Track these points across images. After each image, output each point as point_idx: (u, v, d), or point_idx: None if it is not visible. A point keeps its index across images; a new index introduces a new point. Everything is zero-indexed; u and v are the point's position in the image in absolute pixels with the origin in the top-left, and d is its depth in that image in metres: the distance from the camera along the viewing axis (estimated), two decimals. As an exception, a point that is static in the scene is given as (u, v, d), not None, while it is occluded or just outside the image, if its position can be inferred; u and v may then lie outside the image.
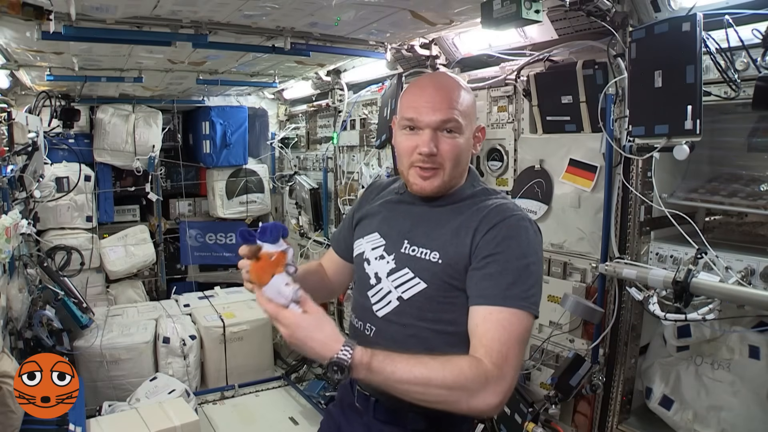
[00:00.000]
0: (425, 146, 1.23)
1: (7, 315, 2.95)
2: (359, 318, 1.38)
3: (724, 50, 1.57)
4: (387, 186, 1.50)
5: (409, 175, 1.30)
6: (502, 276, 1.15)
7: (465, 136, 1.28)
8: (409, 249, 1.29)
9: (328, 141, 3.96)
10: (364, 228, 1.43)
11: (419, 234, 1.30)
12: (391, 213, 1.39)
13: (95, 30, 2.21)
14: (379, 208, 1.43)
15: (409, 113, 1.26)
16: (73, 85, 3.83)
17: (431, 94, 1.26)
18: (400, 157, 1.33)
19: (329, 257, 1.60)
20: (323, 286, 1.56)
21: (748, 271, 1.62)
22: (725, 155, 1.93)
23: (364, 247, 1.39)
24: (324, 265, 1.58)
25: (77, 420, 2.57)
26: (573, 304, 2.01)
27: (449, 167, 1.26)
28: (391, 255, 1.31)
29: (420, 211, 1.34)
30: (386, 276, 1.30)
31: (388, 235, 1.35)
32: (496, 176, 2.54)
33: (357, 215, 1.50)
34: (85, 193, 4.33)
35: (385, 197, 1.46)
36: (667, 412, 1.93)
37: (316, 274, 1.56)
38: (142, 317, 4.10)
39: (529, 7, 1.69)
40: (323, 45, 2.67)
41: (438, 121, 1.24)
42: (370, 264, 1.35)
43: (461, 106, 1.26)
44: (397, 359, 1.08)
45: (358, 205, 1.54)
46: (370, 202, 1.48)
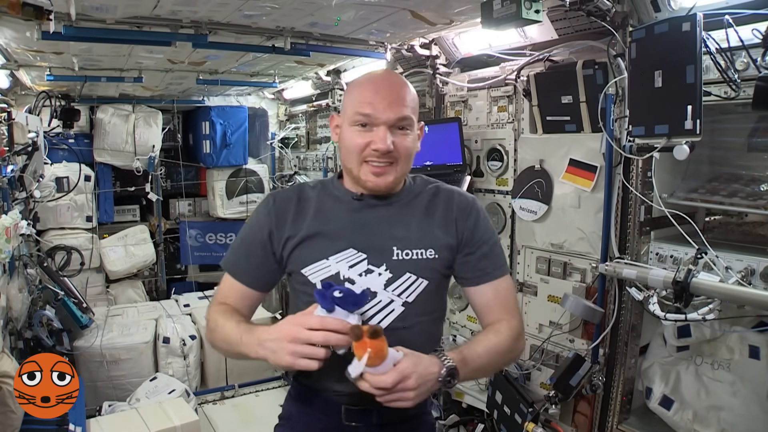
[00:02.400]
0: (382, 143, 1.21)
1: (7, 315, 2.95)
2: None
3: (724, 50, 1.57)
4: (308, 195, 1.33)
5: (360, 172, 1.25)
6: (492, 253, 1.34)
7: (414, 132, 1.29)
8: (403, 254, 1.27)
9: (328, 141, 3.96)
10: (324, 248, 1.26)
11: (406, 236, 1.28)
12: (359, 222, 1.28)
13: (95, 30, 2.21)
14: (334, 221, 1.28)
15: (365, 109, 1.22)
16: (73, 85, 3.83)
17: (386, 90, 1.24)
18: (348, 154, 1.27)
19: (238, 294, 1.33)
20: None
21: (748, 271, 1.62)
22: (725, 155, 1.93)
23: (335, 268, 1.25)
24: (236, 305, 1.32)
25: (77, 420, 2.57)
26: (573, 304, 2.02)
27: (402, 163, 1.27)
28: (380, 266, 1.25)
29: (389, 212, 1.30)
30: (383, 288, 1.25)
31: (370, 247, 1.26)
32: (496, 176, 2.54)
33: (281, 236, 1.29)
34: (85, 193, 4.33)
35: (328, 206, 1.31)
36: (667, 412, 1.93)
37: (243, 318, 1.31)
38: (142, 317, 4.10)
39: (529, 7, 1.69)
40: (323, 45, 2.67)
41: (394, 119, 1.22)
42: (354, 284, 1.24)
43: (412, 103, 1.27)
44: (471, 346, 1.22)
45: (273, 225, 1.30)
46: (302, 217, 1.29)
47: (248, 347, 1.17)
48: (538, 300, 2.35)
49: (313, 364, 1.06)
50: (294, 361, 1.07)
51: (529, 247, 2.39)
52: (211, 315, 1.32)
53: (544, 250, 2.31)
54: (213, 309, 1.32)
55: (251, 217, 1.40)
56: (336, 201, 1.32)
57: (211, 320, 1.30)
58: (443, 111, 2.86)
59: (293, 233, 1.29)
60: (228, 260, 1.38)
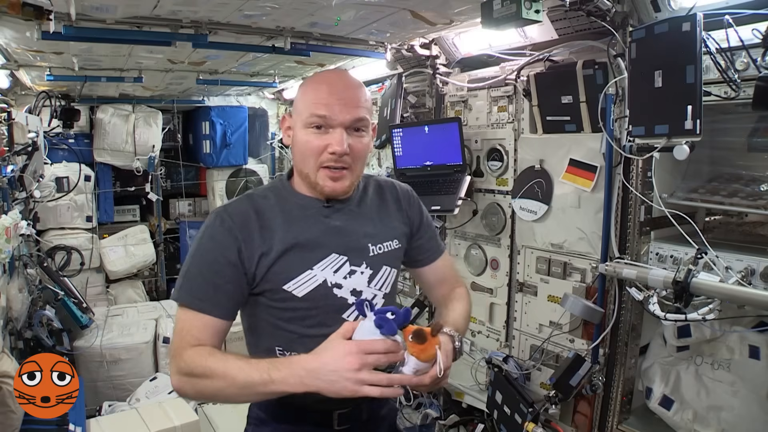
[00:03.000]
0: (339, 145, 1.18)
1: (7, 315, 2.95)
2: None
3: (724, 50, 1.57)
4: (263, 206, 1.25)
5: (317, 177, 1.22)
6: (434, 233, 1.50)
7: (369, 134, 1.28)
8: (377, 249, 1.31)
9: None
10: (306, 259, 1.22)
11: (375, 231, 1.33)
12: (333, 226, 1.27)
13: (95, 30, 2.21)
14: (308, 230, 1.25)
15: (321, 110, 1.18)
16: (73, 85, 3.83)
17: (342, 91, 1.21)
18: (304, 158, 1.22)
19: (210, 329, 1.17)
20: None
21: (748, 271, 1.62)
22: (725, 155, 1.93)
23: (321, 276, 1.23)
24: (211, 343, 1.17)
25: (77, 420, 2.57)
26: (573, 304, 2.02)
27: (358, 166, 1.26)
28: (361, 265, 1.27)
29: (354, 211, 1.32)
30: (367, 285, 1.28)
31: (349, 249, 1.26)
32: (496, 176, 2.54)
33: (251, 254, 1.19)
34: (85, 193, 4.33)
35: (296, 216, 1.25)
36: (667, 412, 1.93)
37: (244, 356, 1.21)
38: (142, 317, 4.10)
39: (529, 7, 1.69)
40: (323, 45, 2.67)
41: (351, 120, 1.20)
42: (342, 287, 1.24)
43: (367, 104, 1.25)
44: (452, 316, 1.34)
45: (240, 243, 1.18)
46: (269, 231, 1.21)
47: (286, 383, 1.05)
48: (538, 300, 2.35)
49: (389, 392, 1.03)
50: (359, 389, 1.02)
51: (529, 247, 2.39)
52: (191, 361, 1.11)
53: (544, 250, 2.31)
54: (189, 354, 1.12)
55: (202, 241, 1.20)
56: (302, 209, 1.27)
57: (197, 367, 1.10)
58: (443, 111, 2.86)
59: (266, 249, 1.19)
60: (189, 293, 1.18)
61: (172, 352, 1.17)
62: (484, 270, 2.64)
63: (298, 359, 1.08)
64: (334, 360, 1.03)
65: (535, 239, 2.33)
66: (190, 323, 1.17)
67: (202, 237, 1.22)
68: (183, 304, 1.18)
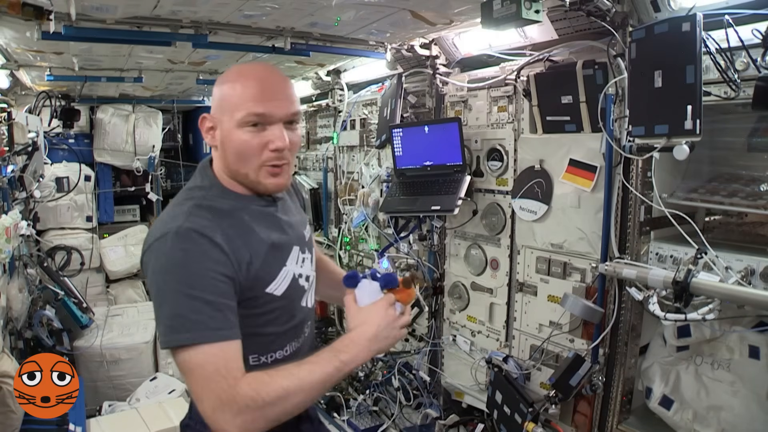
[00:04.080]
0: (281, 141, 1.16)
1: (7, 315, 2.96)
2: (294, 338, 1.29)
3: (724, 50, 1.57)
4: (228, 214, 1.19)
5: (259, 176, 1.19)
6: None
7: (300, 126, 1.31)
8: (307, 234, 1.42)
9: (328, 141, 3.96)
10: (278, 258, 1.23)
11: (300, 219, 1.41)
12: (283, 220, 1.30)
13: (95, 30, 2.21)
14: (272, 228, 1.25)
15: (259, 108, 1.14)
16: (73, 85, 3.83)
17: (274, 86, 1.19)
18: (243, 158, 1.18)
19: (238, 355, 1.06)
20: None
21: (748, 271, 1.62)
22: (725, 155, 1.93)
23: (291, 270, 1.26)
24: (240, 370, 1.05)
25: (77, 420, 2.57)
26: (573, 304, 2.02)
27: (293, 159, 1.27)
28: (305, 251, 1.36)
29: (285, 203, 1.37)
30: (311, 268, 1.39)
31: (298, 238, 1.33)
32: (496, 176, 2.54)
33: (240, 265, 1.13)
34: (85, 193, 4.34)
35: (258, 217, 1.23)
36: (667, 412, 1.93)
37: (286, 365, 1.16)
38: (142, 317, 4.11)
39: (529, 7, 1.69)
40: (323, 45, 2.67)
41: (289, 114, 1.19)
42: (302, 276, 1.30)
43: (296, 97, 1.25)
44: (340, 273, 1.51)
45: (230, 255, 1.11)
46: (248, 240, 1.17)
47: (357, 359, 1.15)
48: (538, 300, 2.35)
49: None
50: (404, 332, 1.26)
51: (529, 247, 2.39)
52: (257, 393, 1.00)
53: (544, 250, 2.31)
54: (249, 388, 1.01)
55: (188, 266, 1.06)
56: (260, 210, 1.25)
57: (269, 394, 1.01)
58: (443, 111, 2.86)
59: (249, 257, 1.15)
60: (207, 327, 1.03)
61: (220, 397, 0.99)
62: (484, 270, 2.64)
63: (355, 335, 1.18)
64: (383, 319, 1.20)
65: (535, 239, 2.33)
66: (225, 358, 1.03)
67: (186, 263, 1.05)
68: (201, 342, 1.01)
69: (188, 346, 1.01)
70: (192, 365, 1.01)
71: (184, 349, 1.02)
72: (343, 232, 3.73)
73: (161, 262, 1.07)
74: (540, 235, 2.31)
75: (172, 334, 1.03)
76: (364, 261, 3.59)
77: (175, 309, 1.04)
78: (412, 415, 3.06)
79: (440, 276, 2.91)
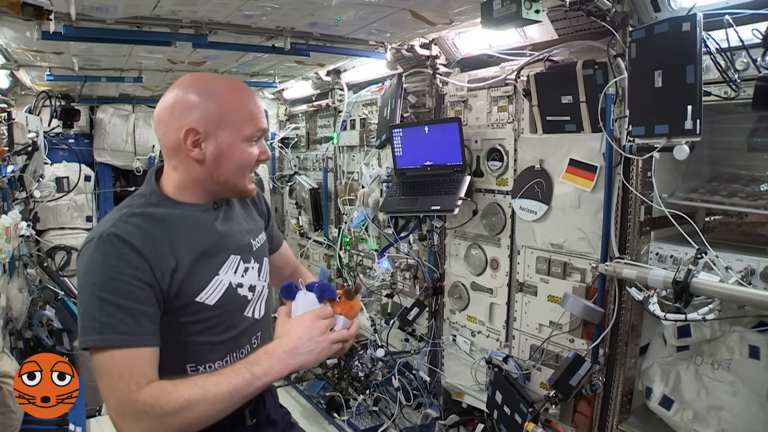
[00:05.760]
0: (268, 152, 1.30)
1: (7, 315, 2.96)
2: (234, 348, 1.27)
3: (724, 50, 1.57)
4: (161, 220, 1.18)
5: (245, 183, 1.28)
6: (274, 222, 1.61)
7: None
8: (256, 243, 1.39)
9: (328, 141, 3.96)
10: (211, 266, 1.21)
11: (249, 227, 1.40)
12: (224, 228, 1.28)
13: (95, 30, 2.21)
14: (207, 236, 1.23)
15: (263, 124, 1.26)
16: (73, 85, 3.83)
17: (256, 101, 1.27)
18: (239, 170, 1.24)
19: (150, 361, 1.07)
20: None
21: (748, 271, 1.62)
22: (725, 155, 1.93)
23: (226, 279, 1.24)
24: (155, 376, 1.07)
25: (77, 420, 2.57)
26: (573, 304, 2.02)
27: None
28: (250, 261, 1.33)
29: (230, 211, 1.36)
30: (258, 278, 1.35)
31: (239, 247, 1.31)
32: (496, 176, 2.54)
33: (163, 272, 1.11)
34: (85, 193, 4.34)
35: (193, 223, 1.22)
36: (667, 412, 1.93)
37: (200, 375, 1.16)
38: (142, 317, 4.10)
39: (529, 7, 1.69)
40: (323, 45, 2.67)
41: (266, 127, 1.30)
42: (243, 286, 1.28)
43: None
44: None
45: (151, 262, 1.09)
46: (176, 248, 1.15)
47: (271, 372, 1.08)
48: (538, 300, 2.35)
49: (346, 346, 1.23)
50: (331, 348, 1.18)
51: (529, 247, 2.39)
52: (156, 402, 1.00)
53: (544, 250, 2.31)
54: (149, 395, 1.00)
55: (105, 270, 1.06)
56: (194, 217, 1.23)
57: (168, 403, 1.00)
58: (443, 111, 2.86)
59: (175, 265, 1.14)
60: (114, 331, 1.03)
61: (121, 402, 1.01)
62: (484, 270, 2.64)
63: (271, 348, 1.13)
64: (306, 332, 1.14)
65: (535, 239, 2.33)
66: (129, 363, 1.03)
67: (103, 267, 1.06)
68: (109, 346, 1.03)
69: (99, 349, 1.04)
70: (100, 368, 1.04)
71: (95, 351, 1.04)
72: (343, 232, 3.73)
73: (84, 264, 1.10)
74: (540, 235, 2.31)
75: (84, 335, 1.06)
76: (364, 261, 3.59)
77: (89, 311, 1.05)
78: (412, 415, 3.06)
79: (440, 276, 2.92)
